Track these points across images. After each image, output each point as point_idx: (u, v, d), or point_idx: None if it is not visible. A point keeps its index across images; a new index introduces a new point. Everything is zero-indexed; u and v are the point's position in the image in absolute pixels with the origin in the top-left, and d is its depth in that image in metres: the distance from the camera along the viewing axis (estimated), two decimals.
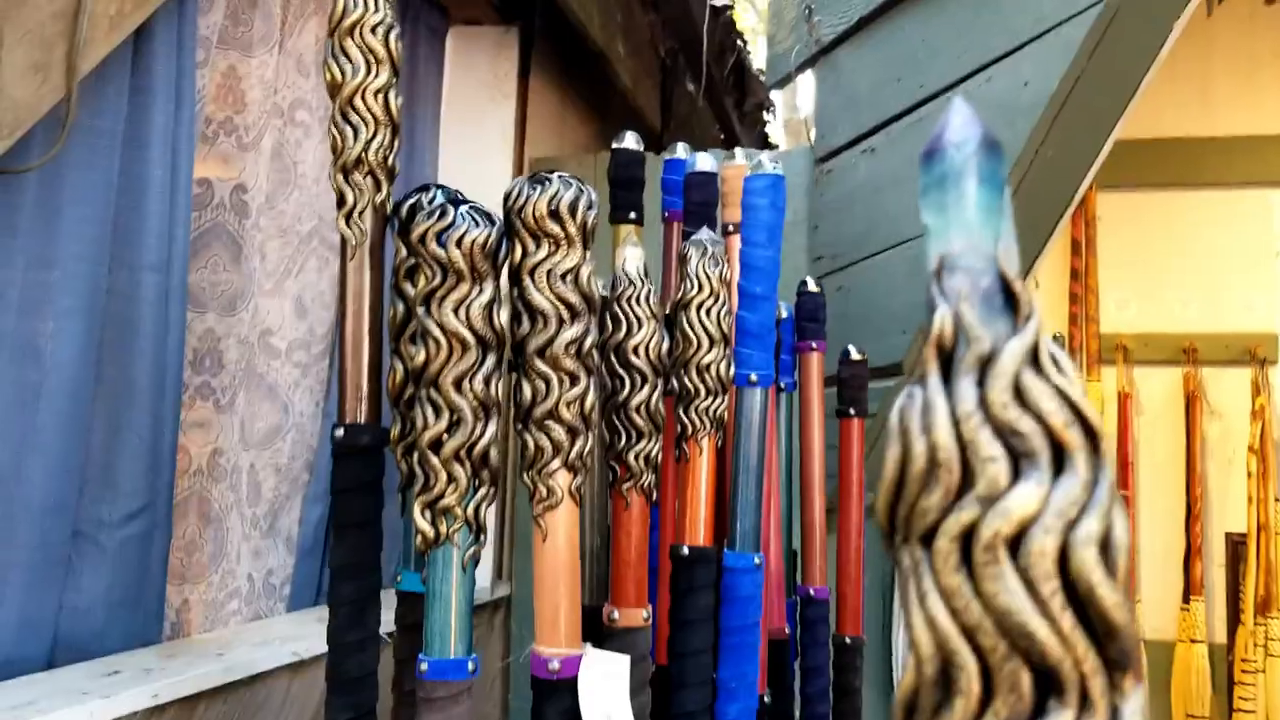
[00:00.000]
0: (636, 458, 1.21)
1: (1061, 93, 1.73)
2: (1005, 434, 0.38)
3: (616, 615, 1.23)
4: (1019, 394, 0.38)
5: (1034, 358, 0.39)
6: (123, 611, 1.65)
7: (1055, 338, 3.22)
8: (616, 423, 1.22)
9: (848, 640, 1.85)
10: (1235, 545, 3.70)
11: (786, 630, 1.73)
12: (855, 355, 1.87)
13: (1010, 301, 0.40)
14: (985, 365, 0.39)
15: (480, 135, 2.59)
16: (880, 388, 2.02)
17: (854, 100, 2.28)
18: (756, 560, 1.39)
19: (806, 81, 2.67)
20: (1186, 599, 3.66)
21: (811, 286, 1.85)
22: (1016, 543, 0.36)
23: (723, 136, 4.10)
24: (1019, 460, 0.38)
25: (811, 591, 1.81)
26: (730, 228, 1.66)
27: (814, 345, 1.82)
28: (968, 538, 0.36)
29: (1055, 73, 1.72)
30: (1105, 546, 0.36)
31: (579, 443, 1.08)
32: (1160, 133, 3.67)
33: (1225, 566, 3.73)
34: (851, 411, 1.85)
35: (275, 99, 1.90)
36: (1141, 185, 3.73)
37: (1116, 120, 1.73)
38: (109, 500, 1.62)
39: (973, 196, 0.41)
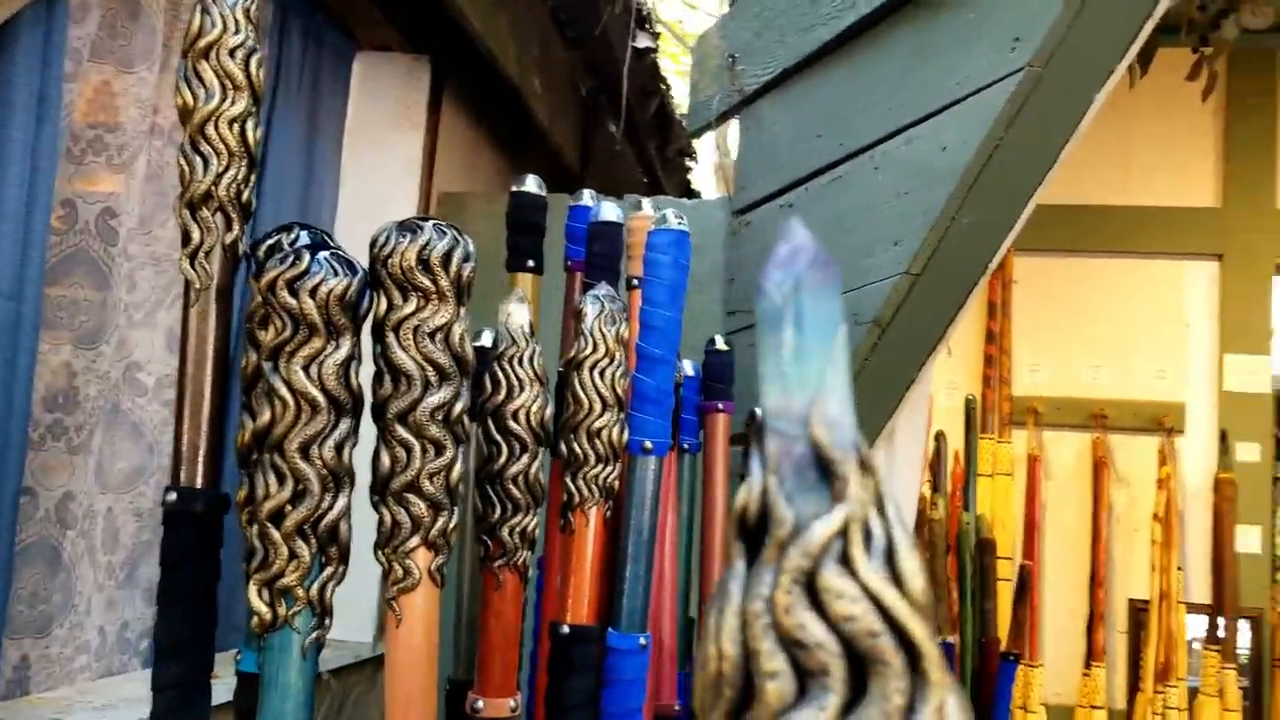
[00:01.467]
0: (511, 533, 1.11)
1: (980, 159, 1.68)
2: (789, 643, 0.31)
3: (481, 705, 1.12)
4: (813, 593, 0.31)
5: (843, 549, 0.32)
6: None
7: (968, 400, 3.19)
8: (491, 494, 1.12)
9: None
10: (1138, 612, 3.70)
11: (678, 706, 1.64)
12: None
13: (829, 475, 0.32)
14: (783, 554, 0.32)
15: (386, 166, 2.48)
16: None
17: (775, 153, 2.22)
18: (642, 641, 1.29)
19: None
20: (1088, 664, 3.64)
21: (720, 345, 1.77)
22: None
23: (646, 181, 4.04)
24: (805, 678, 0.31)
25: None
26: (634, 282, 1.57)
27: (720, 406, 1.74)
28: None
29: (974, 139, 1.67)
30: None
31: (442, 518, 0.98)
32: (1079, 199, 3.69)
33: (1127, 633, 3.73)
34: None
35: (155, 118, 1.77)
36: (1058, 250, 3.75)
37: (1035, 189, 1.69)
38: None
39: (789, 345, 0.33)
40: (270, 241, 1.01)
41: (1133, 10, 1.53)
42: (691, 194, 4.42)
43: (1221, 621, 3.53)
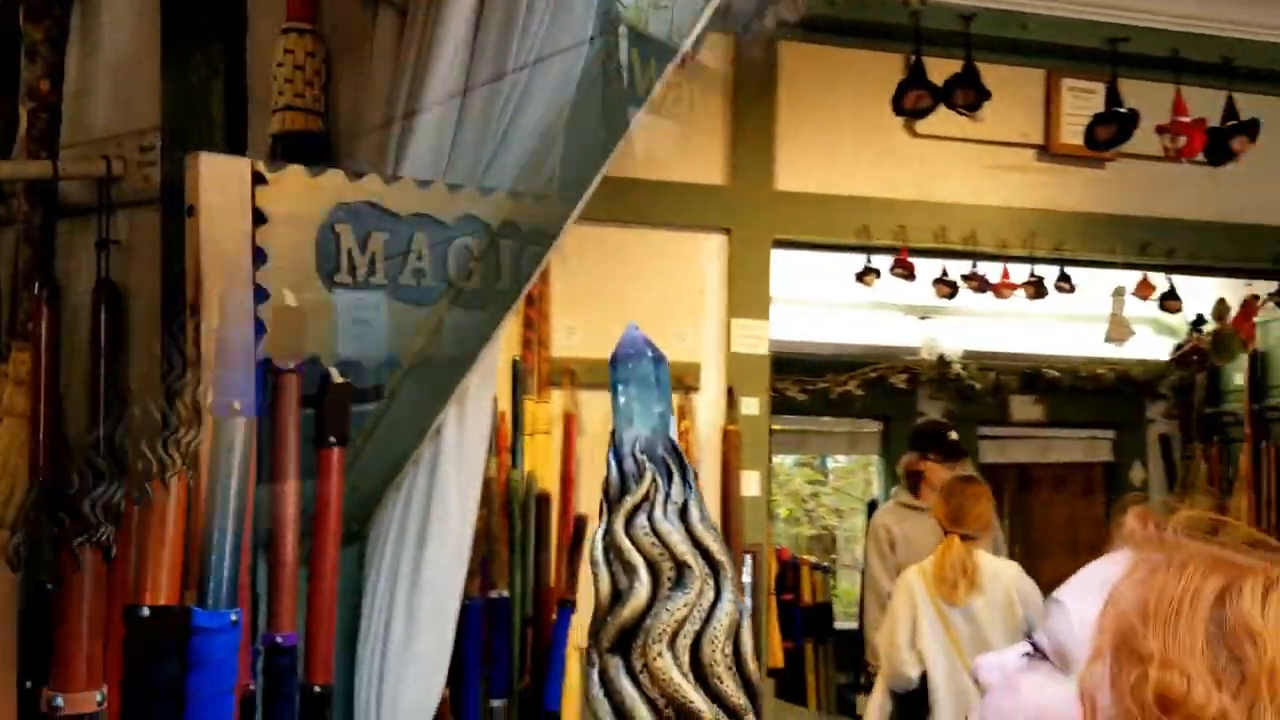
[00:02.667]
0: (93, 506, 0.98)
1: (557, 126, 1.74)
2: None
3: (61, 702, 0.98)
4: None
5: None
6: None
7: (515, 362, 3.30)
8: (68, 464, 0.98)
9: (317, 690, 1.70)
10: None
11: (252, 685, 1.55)
12: (337, 379, 1.72)
13: None
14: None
15: None
16: (362, 412, 1.89)
17: None
18: (233, 618, 1.21)
19: None
20: None
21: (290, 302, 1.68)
22: None
23: None
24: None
25: (279, 639, 1.63)
26: None
27: (291, 366, 1.65)
28: None
29: (555, 102, 1.72)
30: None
31: (19, 494, 0.84)
32: (608, 171, 3.93)
33: None
34: (332, 440, 1.70)
35: None
36: (591, 219, 3.96)
37: (607, 158, 1.78)
38: None
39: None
40: None
41: None
42: None
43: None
